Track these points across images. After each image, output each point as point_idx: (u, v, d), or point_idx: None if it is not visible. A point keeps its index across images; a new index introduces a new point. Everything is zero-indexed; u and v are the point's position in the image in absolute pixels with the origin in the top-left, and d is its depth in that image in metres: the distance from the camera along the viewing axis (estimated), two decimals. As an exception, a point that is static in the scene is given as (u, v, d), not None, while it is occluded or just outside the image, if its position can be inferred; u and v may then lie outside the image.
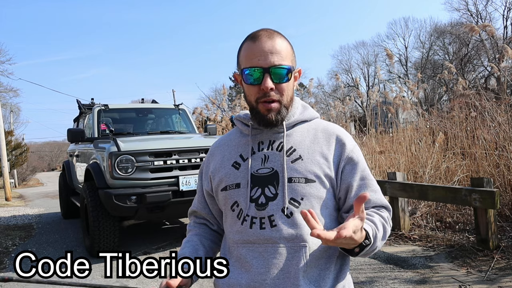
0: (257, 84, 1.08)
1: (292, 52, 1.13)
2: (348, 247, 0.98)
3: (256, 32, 1.11)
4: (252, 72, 1.07)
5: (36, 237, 6.50)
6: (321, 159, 1.11)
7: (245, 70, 1.09)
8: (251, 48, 1.08)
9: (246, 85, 1.11)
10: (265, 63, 1.06)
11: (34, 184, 24.93)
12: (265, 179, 1.10)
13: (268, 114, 1.09)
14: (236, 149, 1.19)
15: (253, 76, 1.08)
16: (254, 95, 1.10)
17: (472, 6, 28.32)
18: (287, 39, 1.13)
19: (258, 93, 1.09)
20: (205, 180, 1.25)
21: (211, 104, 14.67)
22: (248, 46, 1.10)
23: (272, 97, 1.08)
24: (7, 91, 26.47)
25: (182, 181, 4.70)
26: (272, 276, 1.04)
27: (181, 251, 1.20)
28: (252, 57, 1.07)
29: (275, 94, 1.08)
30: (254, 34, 1.10)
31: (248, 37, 1.11)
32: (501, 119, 5.44)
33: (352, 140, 1.17)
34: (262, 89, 1.07)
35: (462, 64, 25.20)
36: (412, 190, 4.76)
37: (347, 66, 40.51)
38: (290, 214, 1.06)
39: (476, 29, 6.03)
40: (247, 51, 1.10)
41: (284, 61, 1.08)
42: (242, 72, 1.10)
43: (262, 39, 1.08)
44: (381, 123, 8.21)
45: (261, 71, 1.06)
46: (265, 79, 1.06)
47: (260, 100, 1.09)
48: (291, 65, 1.10)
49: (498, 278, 3.39)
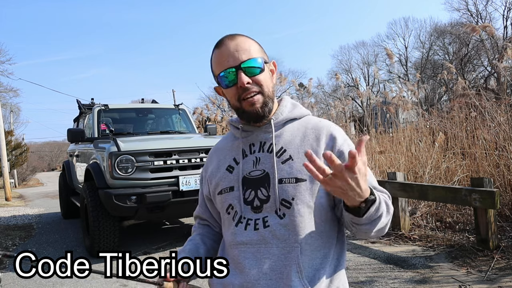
0: (233, 85, 1.09)
1: (259, 47, 1.14)
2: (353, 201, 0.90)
3: (218, 40, 1.13)
4: (226, 74, 1.09)
5: (36, 237, 6.50)
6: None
7: (219, 75, 1.10)
8: (218, 54, 1.11)
9: (225, 90, 1.12)
10: (234, 62, 1.07)
11: (34, 184, 24.94)
12: (257, 181, 1.11)
13: (252, 108, 1.09)
14: (230, 152, 1.20)
15: (228, 78, 1.09)
16: (235, 96, 1.10)
17: (472, 6, 28.35)
18: (252, 38, 1.15)
19: (238, 92, 1.09)
20: (205, 185, 1.26)
21: (211, 104, 14.66)
22: (215, 54, 1.12)
23: (251, 90, 1.08)
24: (7, 91, 26.48)
25: (182, 181, 4.70)
26: (265, 277, 1.04)
27: (182, 248, 1.22)
28: (221, 61, 1.09)
29: (254, 86, 1.09)
30: (218, 42, 1.12)
31: (214, 47, 1.13)
32: (501, 119, 5.43)
33: (343, 134, 1.16)
34: (239, 87, 1.07)
35: (462, 64, 25.20)
36: (412, 190, 4.76)
37: (347, 66, 40.54)
38: (283, 215, 1.06)
39: (476, 29, 6.03)
40: (216, 58, 1.12)
41: (252, 55, 1.09)
42: (218, 79, 1.12)
43: (226, 42, 1.10)
44: (381, 123, 8.20)
45: (233, 71, 1.07)
46: (239, 76, 1.07)
47: (241, 97, 1.09)
48: (261, 57, 1.11)
49: (498, 278, 3.39)
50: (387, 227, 1.04)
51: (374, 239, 4.89)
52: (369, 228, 0.99)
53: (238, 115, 1.16)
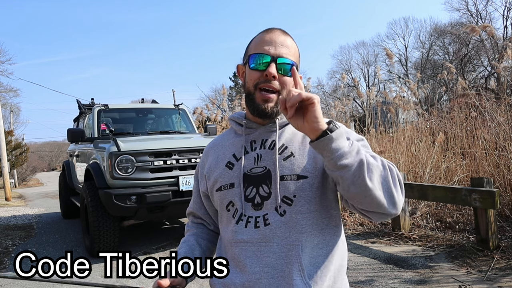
0: (260, 69, 1.08)
1: (298, 55, 1.15)
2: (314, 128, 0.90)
3: (270, 27, 1.13)
4: (259, 57, 1.08)
5: (36, 237, 6.50)
6: (313, 152, 1.09)
7: (253, 55, 1.10)
8: (264, 37, 1.11)
9: (249, 70, 1.11)
10: (274, 53, 1.07)
11: (34, 184, 24.93)
12: (259, 178, 1.10)
13: (264, 104, 1.09)
14: (229, 149, 1.19)
15: (260, 62, 1.08)
16: (254, 80, 1.09)
17: (472, 6, 28.34)
18: (297, 44, 1.16)
19: (259, 79, 1.08)
20: (201, 181, 1.25)
21: (211, 104, 14.66)
22: (260, 35, 1.12)
23: (273, 85, 1.07)
24: (7, 91, 26.45)
25: (182, 181, 4.70)
26: (267, 275, 1.04)
27: (177, 251, 1.21)
28: (263, 44, 1.09)
29: (277, 84, 1.08)
30: (269, 28, 1.13)
31: (262, 30, 1.14)
32: (501, 119, 5.44)
33: (341, 124, 1.16)
34: (265, 75, 1.07)
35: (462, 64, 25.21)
36: (412, 190, 4.76)
37: (347, 66, 40.54)
38: (283, 212, 1.06)
39: (476, 30, 6.02)
40: (259, 40, 1.12)
41: (292, 57, 1.10)
42: (249, 57, 1.11)
43: (276, 32, 1.11)
44: (381, 123, 8.20)
45: (268, 58, 1.07)
46: (270, 66, 1.06)
47: (259, 85, 1.08)
48: (296, 63, 1.11)
49: (498, 278, 3.39)
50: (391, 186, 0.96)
51: (374, 238, 4.89)
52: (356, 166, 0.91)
53: (246, 101, 1.14)
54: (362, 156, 0.93)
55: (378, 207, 0.96)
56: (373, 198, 0.94)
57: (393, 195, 0.96)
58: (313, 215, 1.06)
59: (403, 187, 1.00)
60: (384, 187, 0.95)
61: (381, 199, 0.95)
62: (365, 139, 1.13)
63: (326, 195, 1.09)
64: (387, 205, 0.96)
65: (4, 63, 23.87)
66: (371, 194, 0.93)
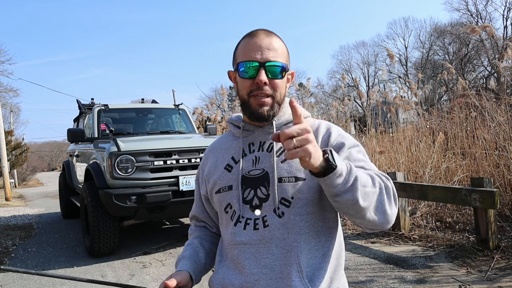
0: (251, 77, 1.08)
1: (287, 53, 1.15)
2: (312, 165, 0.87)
3: (254, 30, 1.13)
4: (248, 65, 1.08)
5: (36, 237, 6.50)
6: None
7: (241, 63, 1.09)
8: (248, 43, 1.10)
9: (240, 79, 1.11)
10: (261, 58, 1.07)
11: (34, 184, 24.94)
12: (257, 180, 1.11)
13: (260, 109, 1.09)
14: (228, 151, 1.20)
15: (249, 70, 1.08)
16: (247, 89, 1.10)
17: (472, 6, 28.37)
18: (284, 42, 1.15)
19: (251, 87, 1.09)
20: (202, 184, 1.26)
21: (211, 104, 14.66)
22: (245, 41, 1.11)
23: (265, 91, 1.08)
24: (7, 91, 26.45)
25: (182, 181, 4.70)
26: (265, 277, 1.04)
27: (182, 254, 1.22)
28: (249, 51, 1.09)
29: (269, 89, 1.08)
30: (252, 32, 1.12)
31: (246, 34, 1.13)
32: (501, 119, 5.43)
33: (339, 130, 1.16)
34: (256, 83, 1.07)
35: (462, 64, 25.21)
36: (412, 190, 4.76)
37: (347, 66, 40.56)
38: (281, 214, 1.06)
39: (476, 30, 6.02)
40: (244, 46, 1.11)
41: (280, 58, 1.09)
42: (238, 66, 1.11)
43: (260, 36, 1.10)
44: (381, 123, 8.20)
45: (256, 65, 1.07)
46: (260, 73, 1.06)
47: (252, 93, 1.09)
48: (286, 64, 1.11)
49: (498, 278, 3.39)
50: (385, 204, 0.98)
51: (374, 238, 4.89)
52: (351, 198, 0.92)
53: (242, 108, 1.15)
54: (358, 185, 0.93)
55: (371, 224, 1.00)
56: (367, 219, 0.98)
57: (387, 213, 0.99)
58: (310, 216, 1.07)
59: (397, 199, 1.03)
60: (379, 210, 0.98)
61: (374, 219, 0.98)
62: (361, 145, 1.14)
63: (323, 197, 1.09)
64: (379, 222, 1.00)
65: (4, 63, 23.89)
66: (364, 215, 0.97)
